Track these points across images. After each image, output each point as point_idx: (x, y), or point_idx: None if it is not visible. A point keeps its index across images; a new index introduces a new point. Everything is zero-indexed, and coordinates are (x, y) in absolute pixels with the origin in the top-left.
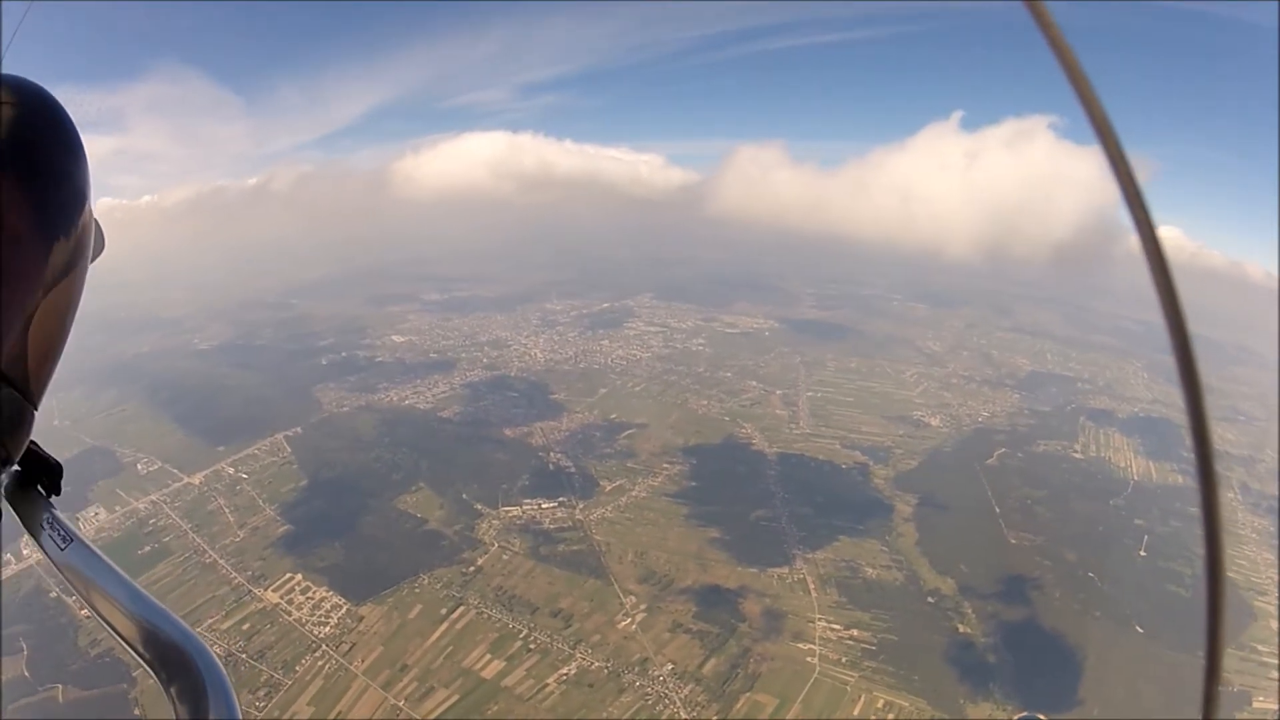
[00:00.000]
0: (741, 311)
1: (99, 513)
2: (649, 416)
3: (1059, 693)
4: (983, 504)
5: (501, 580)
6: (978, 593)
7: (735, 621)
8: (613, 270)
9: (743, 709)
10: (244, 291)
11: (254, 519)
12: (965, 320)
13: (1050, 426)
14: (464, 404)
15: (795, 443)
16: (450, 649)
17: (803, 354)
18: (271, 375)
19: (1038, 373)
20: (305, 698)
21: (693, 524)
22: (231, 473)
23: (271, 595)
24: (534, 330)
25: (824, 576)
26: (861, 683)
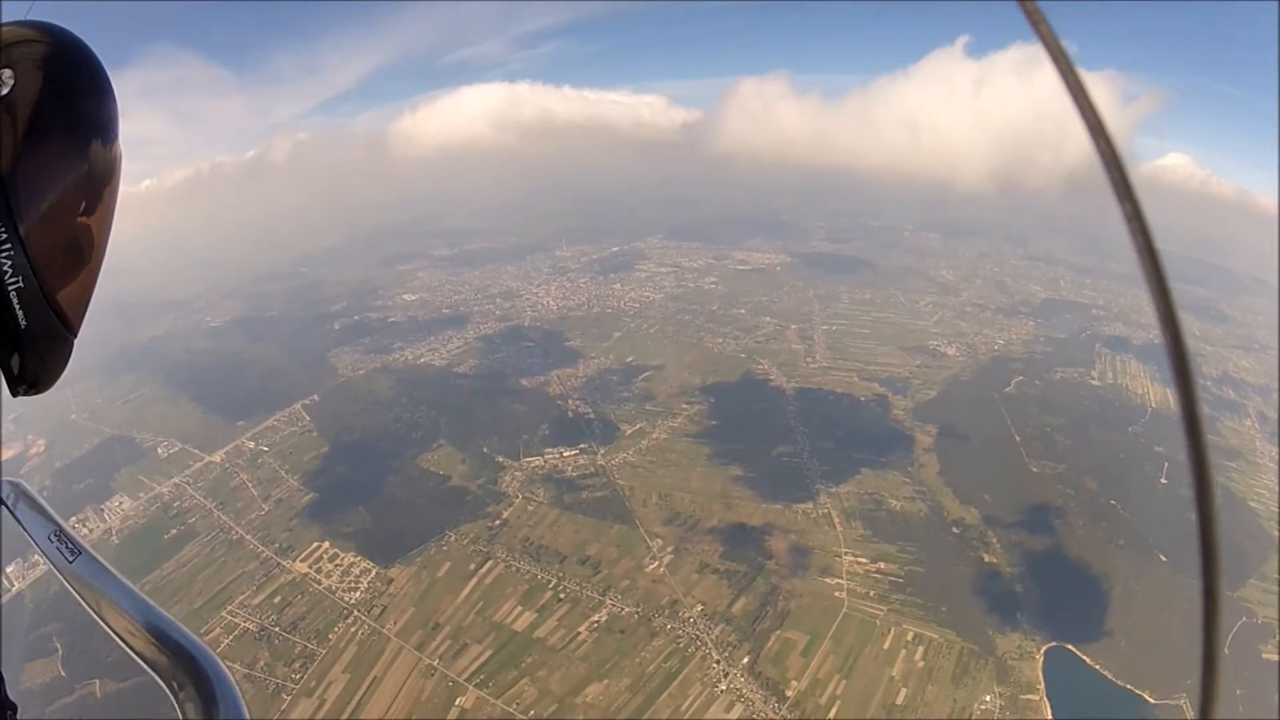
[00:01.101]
0: (753, 248)
1: (123, 502)
2: (665, 358)
3: (1086, 624)
4: (1003, 433)
5: (528, 531)
6: (1001, 522)
7: (762, 559)
8: (621, 214)
9: (774, 646)
10: (253, 265)
11: (278, 491)
12: (978, 250)
13: (1067, 354)
14: (479, 357)
15: (813, 377)
16: (481, 604)
17: (816, 288)
18: (286, 346)
19: (1052, 300)
20: (340, 665)
21: (715, 463)
22: (252, 447)
23: (300, 566)
24: (545, 279)
25: (848, 510)
26: (890, 616)
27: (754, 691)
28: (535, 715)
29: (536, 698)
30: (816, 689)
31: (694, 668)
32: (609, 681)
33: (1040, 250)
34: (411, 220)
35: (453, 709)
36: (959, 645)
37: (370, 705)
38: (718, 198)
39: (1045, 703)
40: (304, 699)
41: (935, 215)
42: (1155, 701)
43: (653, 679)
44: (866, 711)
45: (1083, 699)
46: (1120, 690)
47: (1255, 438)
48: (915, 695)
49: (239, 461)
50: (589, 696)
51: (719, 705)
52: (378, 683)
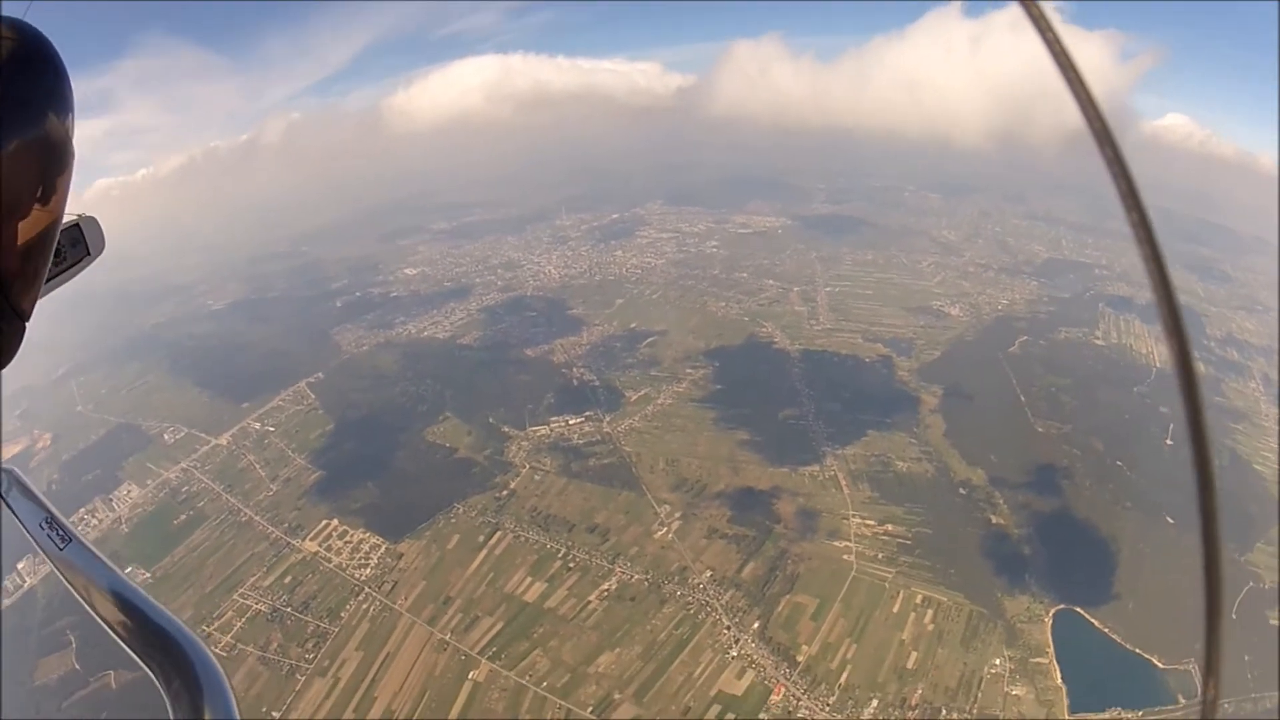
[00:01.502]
0: (753, 211)
1: (131, 490)
2: (668, 323)
3: (1094, 586)
4: (1008, 393)
5: (536, 501)
6: (1008, 483)
7: (770, 523)
8: (620, 181)
9: (784, 611)
10: (252, 247)
11: (285, 470)
12: (979, 208)
13: (1070, 314)
14: (483, 329)
15: (817, 339)
16: (491, 576)
17: (818, 250)
18: (288, 325)
19: (1055, 260)
20: (353, 643)
21: (721, 427)
22: (258, 427)
23: (310, 544)
24: (546, 248)
25: (855, 472)
26: (899, 578)
27: (765, 657)
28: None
29: (549, 668)
30: (827, 653)
31: (705, 634)
32: (620, 650)
33: (1041, 209)
34: (410, 196)
35: (466, 682)
36: (968, 608)
37: (384, 682)
38: (716, 162)
39: (1054, 666)
40: (318, 679)
41: (935, 174)
42: (1164, 666)
43: (664, 647)
44: (878, 676)
45: (1092, 663)
46: (1129, 654)
47: (1260, 400)
48: (925, 659)
49: (246, 443)
50: (601, 666)
51: (730, 672)
52: (391, 659)
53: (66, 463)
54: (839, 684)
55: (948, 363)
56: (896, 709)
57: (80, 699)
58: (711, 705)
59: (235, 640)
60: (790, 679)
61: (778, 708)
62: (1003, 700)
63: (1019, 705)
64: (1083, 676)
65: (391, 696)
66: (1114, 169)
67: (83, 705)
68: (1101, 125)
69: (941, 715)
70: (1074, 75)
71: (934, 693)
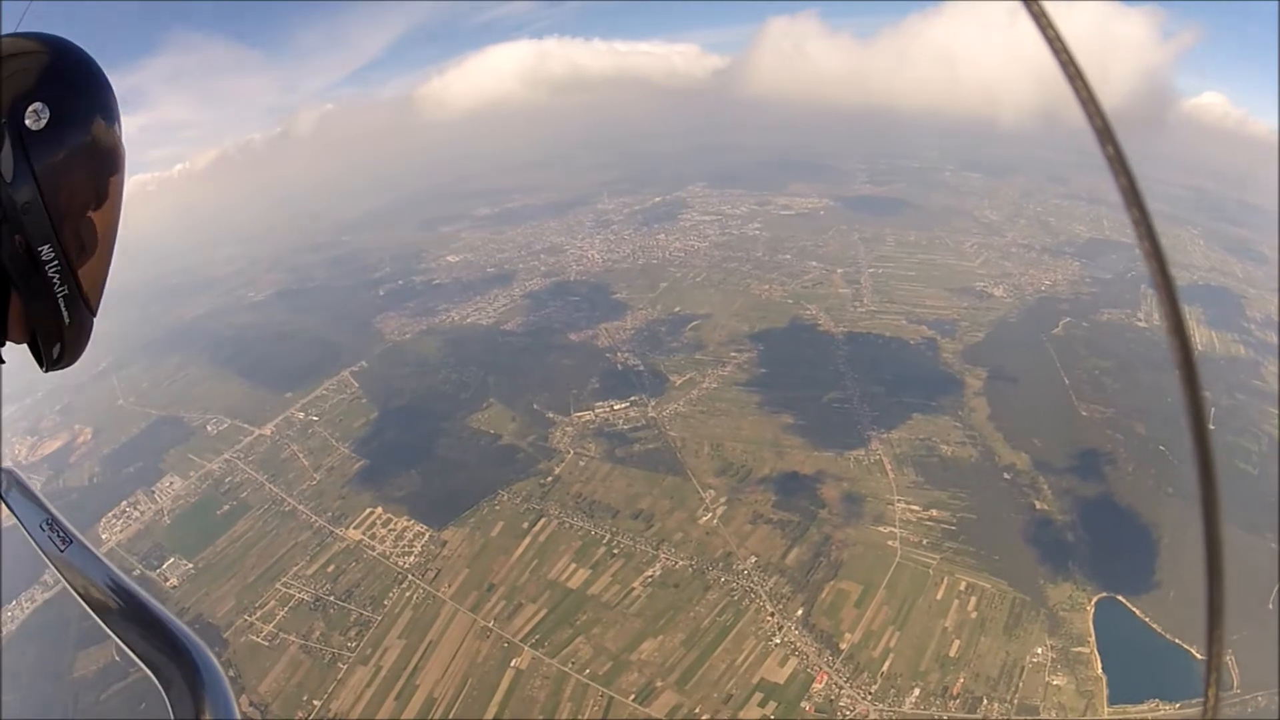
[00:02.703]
0: (795, 193)
1: (173, 482)
2: (712, 306)
3: (1136, 574)
4: (1051, 375)
5: (580, 487)
6: (1052, 468)
7: (815, 508)
8: (660, 164)
9: (827, 598)
10: (292, 238)
11: (329, 459)
12: (1020, 189)
13: (1112, 294)
14: (526, 314)
15: (861, 321)
16: (535, 563)
17: (860, 231)
18: (330, 314)
19: (1096, 240)
20: (396, 631)
21: (765, 411)
22: (302, 417)
23: (353, 533)
24: (589, 232)
25: (900, 456)
26: (943, 565)
27: (808, 645)
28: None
29: (591, 655)
30: (870, 641)
31: (748, 621)
32: (663, 637)
33: (1082, 188)
34: (450, 182)
35: (508, 670)
36: (1011, 595)
37: (426, 669)
38: (756, 143)
39: (1095, 655)
40: (360, 667)
41: (975, 153)
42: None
43: (707, 634)
44: (920, 664)
45: (1132, 653)
46: (1168, 644)
47: None
48: (968, 647)
49: (289, 433)
50: (643, 653)
51: (773, 659)
52: (433, 647)
53: (107, 456)
54: (881, 672)
55: (991, 344)
56: (938, 698)
57: (117, 691)
58: (754, 693)
59: (277, 629)
60: (833, 667)
61: (820, 696)
62: (1043, 690)
63: (1059, 695)
64: (1123, 667)
65: (433, 684)
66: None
67: (120, 698)
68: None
69: (983, 705)
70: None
71: (976, 682)
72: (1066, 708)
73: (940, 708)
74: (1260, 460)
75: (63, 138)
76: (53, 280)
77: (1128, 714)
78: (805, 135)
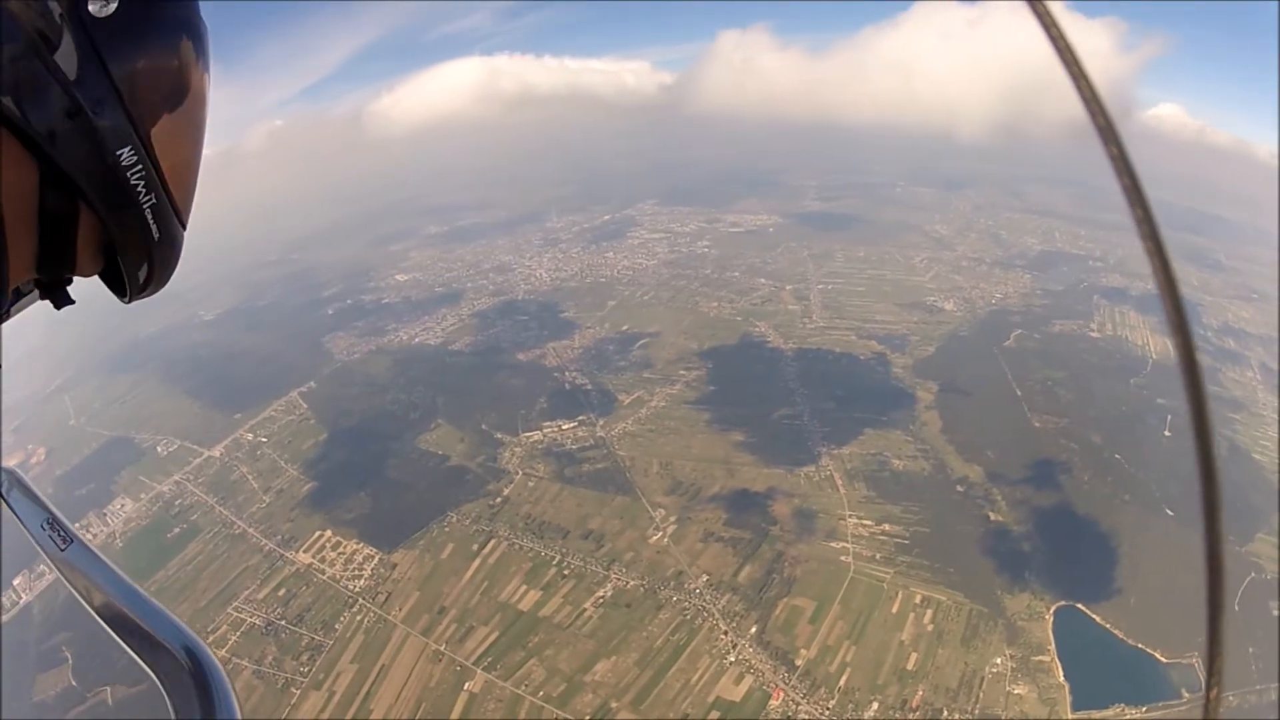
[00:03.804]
0: (744, 210)
1: (125, 504)
2: (661, 324)
3: (1095, 582)
4: (1004, 387)
5: (529, 508)
6: (1007, 479)
7: (766, 525)
8: (610, 181)
9: (781, 615)
10: (243, 254)
11: (278, 481)
12: (972, 202)
13: (1065, 306)
14: (474, 334)
15: (811, 337)
16: (486, 585)
17: (810, 247)
18: (280, 333)
19: (1048, 252)
20: (348, 655)
21: (715, 429)
22: (251, 438)
23: (303, 556)
24: (537, 250)
25: (851, 471)
26: (898, 579)
27: (763, 662)
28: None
29: (545, 677)
30: (826, 656)
31: (702, 639)
32: (617, 658)
33: (1034, 202)
34: (401, 199)
35: (461, 693)
36: (968, 607)
37: (379, 694)
38: (707, 160)
39: (1056, 663)
40: (313, 692)
41: (927, 168)
42: (1167, 661)
43: (661, 653)
44: (878, 678)
45: (1094, 659)
46: (1132, 649)
47: (1258, 389)
48: (926, 659)
49: (238, 454)
50: (598, 674)
51: (729, 677)
52: (386, 671)
53: (60, 478)
54: (839, 687)
55: (943, 358)
56: (898, 711)
57: (78, 714)
58: (710, 711)
59: (230, 654)
60: (789, 683)
61: (777, 713)
62: (1005, 699)
63: (1021, 704)
64: (1085, 673)
65: (387, 709)
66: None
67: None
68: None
69: (943, 717)
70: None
71: (935, 694)
72: (1029, 716)
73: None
74: (1221, 465)
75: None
76: (136, 188)
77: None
78: (755, 151)
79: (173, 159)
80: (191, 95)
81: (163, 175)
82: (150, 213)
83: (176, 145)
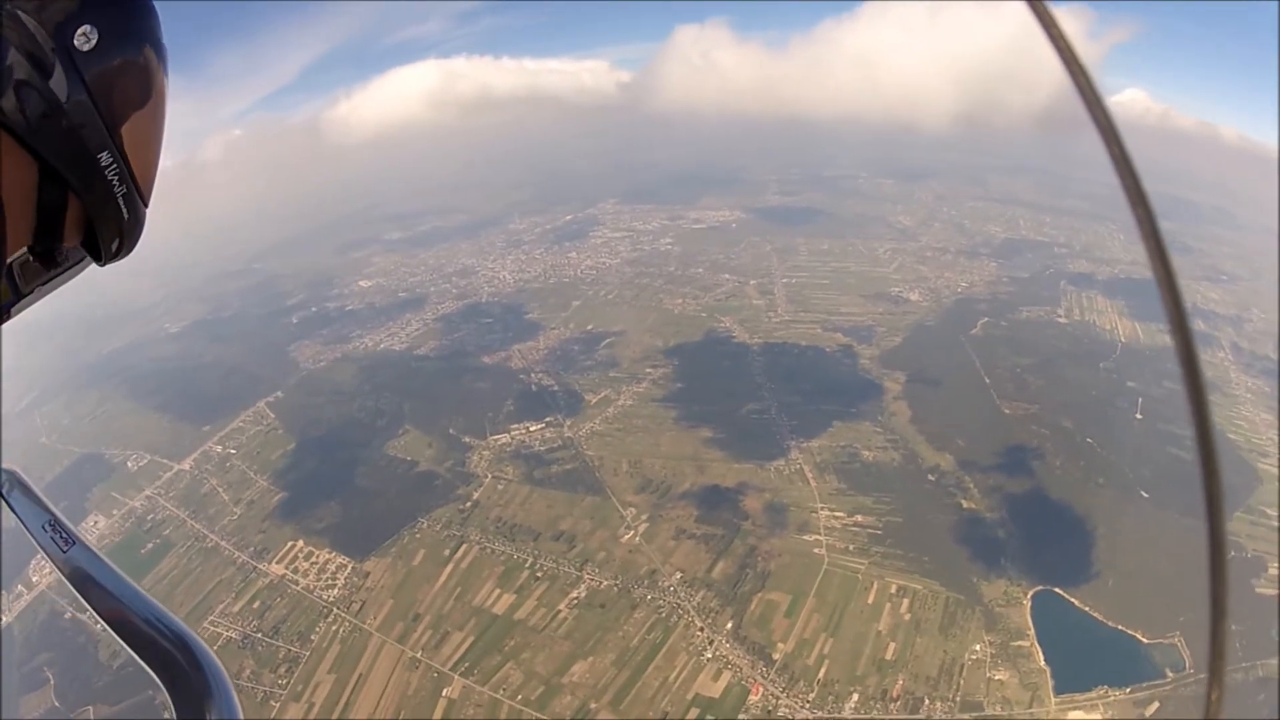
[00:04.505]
0: (707, 206)
1: (98, 521)
2: (626, 323)
3: (1072, 566)
4: (972, 375)
5: (500, 511)
6: (978, 466)
7: (738, 520)
8: (571, 182)
9: (757, 609)
10: (207, 267)
11: (248, 493)
12: (934, 193)
13: (1031, 293)
14: (439, 338)
15: (776, 331)
16: (459, 590)
17: (773, 242)
18: (246, 344)
19: (1013, 240)
20: (325, 666)
21: (683, 426)
22: (220, 450)
23: (277, 567)
24: (500, 253)
25: (821, 464)
26: (872, 569)
27: (741, 657)
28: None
29: (523, 681)
30: (804, 650)
31: (678, 637)
32: (594, 659)
33: (997, 190)
34: (361, 207)
35: (440, 700)
36: (944, 595)
37: (359, 704)
38: (667, 157)
39: (1036, 648)
40: (292, 704)
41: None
42: (1148, 641)
43: (637, 652)
44: (857, 669)
45: (1075, 643)
46: (1112, 631)
47: (1230, 369)
48: (904, 649)
49: (208, 467)
50: (575, 676)
51: (707, 674)
52: (364, 680)
53: None
54: (817, 679)
55: (910, 348)
56: (878, 701)
57: None
58: (689, 709)
59: None
60: (768, 678)
61: (757, 707)
62: (986, 685)
63: (1003, 690)
64: (1066, 657)
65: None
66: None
67: None
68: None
69: (925, 705)
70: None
71: (915, 682)
72: (1011, 701)
73: (882, 710)
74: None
75: (110, 47)
76: (112, 183)
77: (1075, 702)
78: (716, 148)
79: (138, 151)
80: (154, 96)
81: (131, 167)
82: (121, 200)
83: (142, 140)
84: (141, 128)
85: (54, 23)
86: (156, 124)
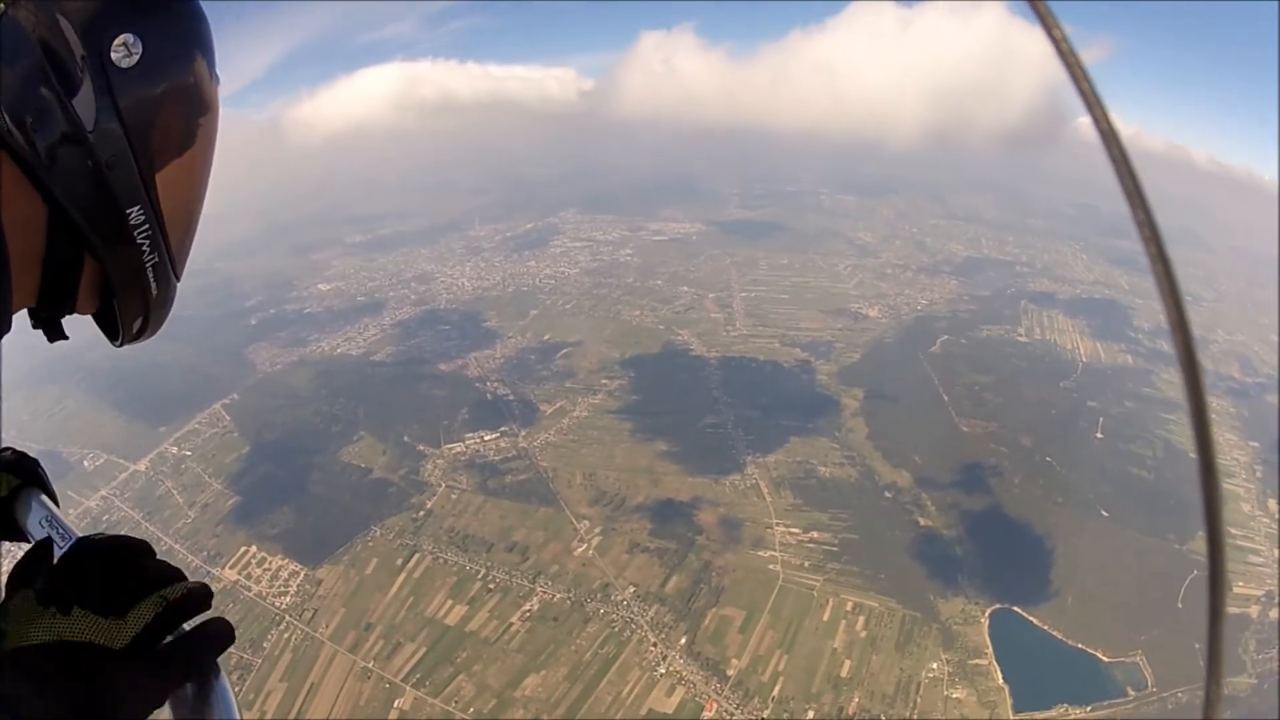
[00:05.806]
0: (667, 218)
1: None
2: (583, 333)
3: (1031, 584)
4: (930, 393)
5: (453, 521)
6: (935, 484)
7: (693, 535)
8: (532, 190)
9: (711, 625)
10: None
11: (202, 496)
12: (896, 209)
13: (992, 311)
14: (396, 344)
15: (734, 345)
16: (411, 600)
17: (733, 255)
18: (202, 345)
19: (974, 258)
20: (276, 674)
21: (639, 439)
22: (175, 452)
23: (229, 573)
24: (459, 259)
25: (777, 479)
26: (828, 586)
27: (694, 673)
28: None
29: (475, 694)
30: (758, 666)
31: (631, 652)
32: (546, 672)
33: (959, 208)
34: (323, 208)
35: (392, 711)
36: (900, 613)
37: (310, 714)
38: (629, 167)
39: (995, 666)
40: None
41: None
42: (1108, 660)
43: (590, 666)
44: (812, 686)
45: (1034, 661)
46: (1071, 650)
47: None
48: (860, 666)
49: (163, 468)
50: (527, 689)
51: (660, 689)
52: (315, 689)
53: None
54: (772, 696)
55: (868, 365)
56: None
57: None
58: None
59: None
60: (722, 694)
61: None
62: (943, 703)
63: (960, 708)
64: (1025, 675)
65: None
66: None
67: None
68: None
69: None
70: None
71: (871, 700)
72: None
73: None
74: (1155, 465)
75: (156, 76)
76: (142, 247)
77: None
78: (678, 158)
79: (178, 208)
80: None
81: (164, 226)
82: (151, 270)
83: (184, 193)
84: (185, 176)
85: (84, 22)
86: (203, 173)
